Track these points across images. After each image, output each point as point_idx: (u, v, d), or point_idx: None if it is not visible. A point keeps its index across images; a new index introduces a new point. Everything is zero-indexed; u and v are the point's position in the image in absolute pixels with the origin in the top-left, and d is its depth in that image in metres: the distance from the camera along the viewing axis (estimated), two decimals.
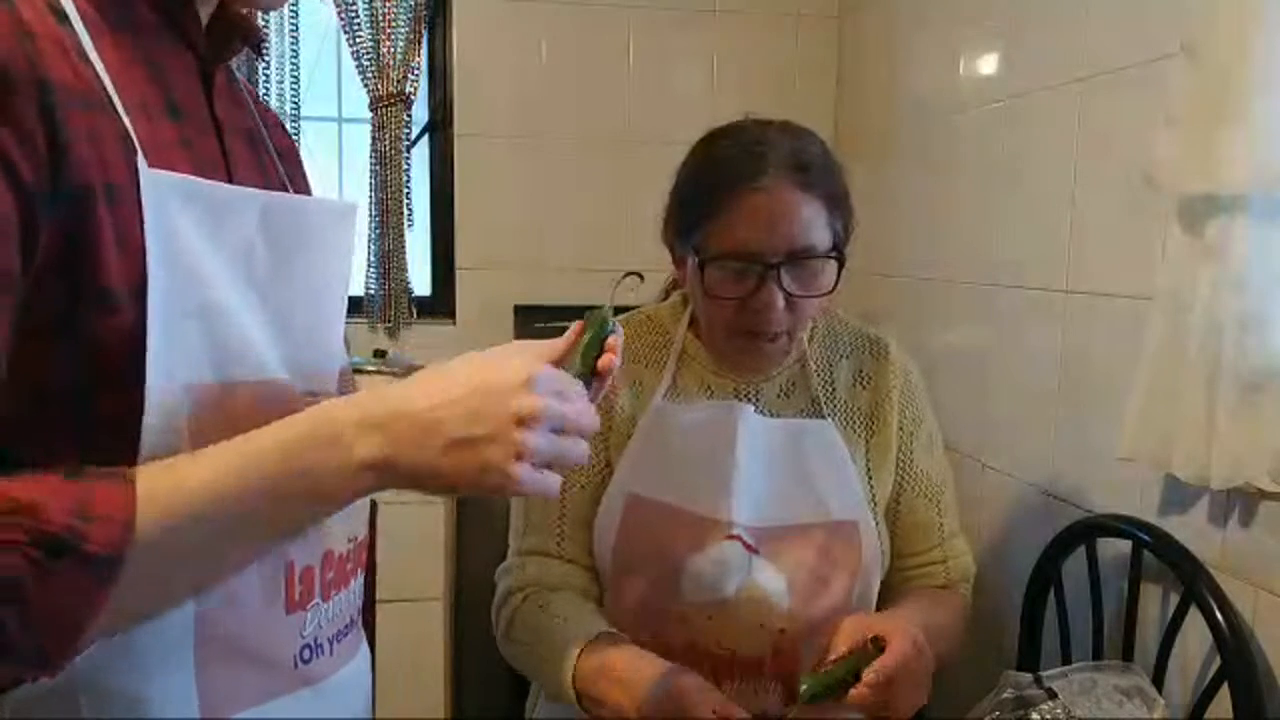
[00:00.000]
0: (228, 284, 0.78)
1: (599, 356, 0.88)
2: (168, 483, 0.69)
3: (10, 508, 0.63)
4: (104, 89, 0.73)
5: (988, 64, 2.25)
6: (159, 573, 0.69)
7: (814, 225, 1.28)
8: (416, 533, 2.51)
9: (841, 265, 1.31)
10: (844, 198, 1.33)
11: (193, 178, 0.76)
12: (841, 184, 1.33)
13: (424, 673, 2.62)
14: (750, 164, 1.27)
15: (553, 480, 0.77)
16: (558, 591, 1.36)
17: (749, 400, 1.40)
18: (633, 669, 1.20)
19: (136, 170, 0.72)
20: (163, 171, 0.73)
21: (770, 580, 1.32)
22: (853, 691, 1.15)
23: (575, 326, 0.90)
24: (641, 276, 1.05)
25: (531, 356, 0.79)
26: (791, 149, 1.29)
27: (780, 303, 1.27)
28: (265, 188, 0.88)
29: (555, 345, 0.85)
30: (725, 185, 1.28)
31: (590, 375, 0.87)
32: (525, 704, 1.51)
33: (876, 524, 1.38)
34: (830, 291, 1.30)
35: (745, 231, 1.27)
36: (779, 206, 1.26)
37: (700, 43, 2.94)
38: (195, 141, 0.82)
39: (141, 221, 0.71)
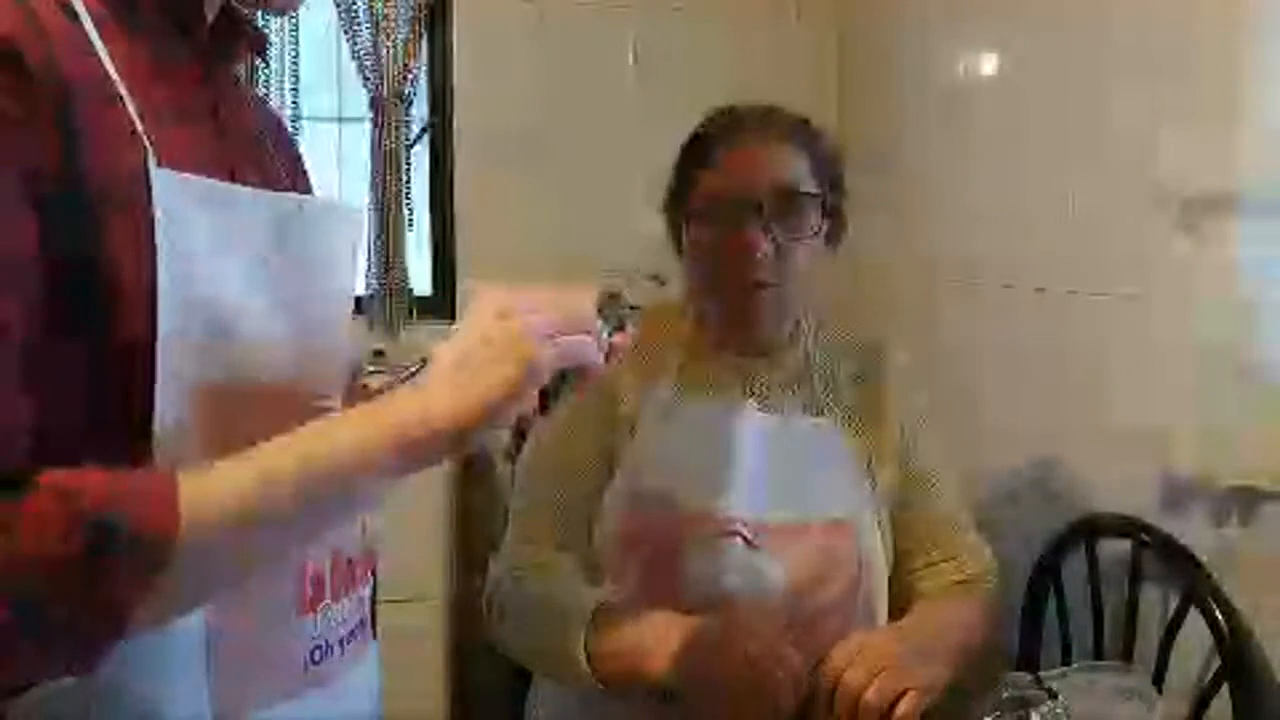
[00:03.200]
0: (238, 286, 0.78)
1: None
2: (219, 468, 0.69)
3: (54, 493, 0.63)
4: (115, 88, 0.73)
5: (989, 60, 2.25)
6: (206, 559, 0.69)
7: (793, 168, 1.34)
8: (416, 533, 2.51)
9: (838, 226, 1.37)
10: (823, 147, 1.38)
11: (205, 179, 0.76)
12: (831, 151, 1.39)
13: (424, 673, 2.62)
14: (730, 125, 1.36)
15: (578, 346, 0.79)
16: (551, 570, 1.36)
17: (751, 397, 1.40)
18: (658, 625, 1.22)
19: (148, 170, 0.72)
20: (174, 172, 0.73)
21: (771, 576, 1.32)
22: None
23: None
24: (663, 281, 1.07)
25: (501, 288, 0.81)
26: (771, 112, 1.37)
27: (765, 244, 1.30)
28: (271, 189, 0.88)
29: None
30: (706, 147, 1.35)
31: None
32: (525, 704, 1.51)
33: (879, 522, 1.38)
34: (816, 234, 1.34)
35: (725, 178, 1.33)
36: (757, 153, 1.33)
37: (701, 40, 2.94)
38: (203, 143, 0.82)
39: (151, 221, 0.71)
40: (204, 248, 0.75)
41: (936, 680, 1.23)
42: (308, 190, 1.03)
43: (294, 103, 2.88)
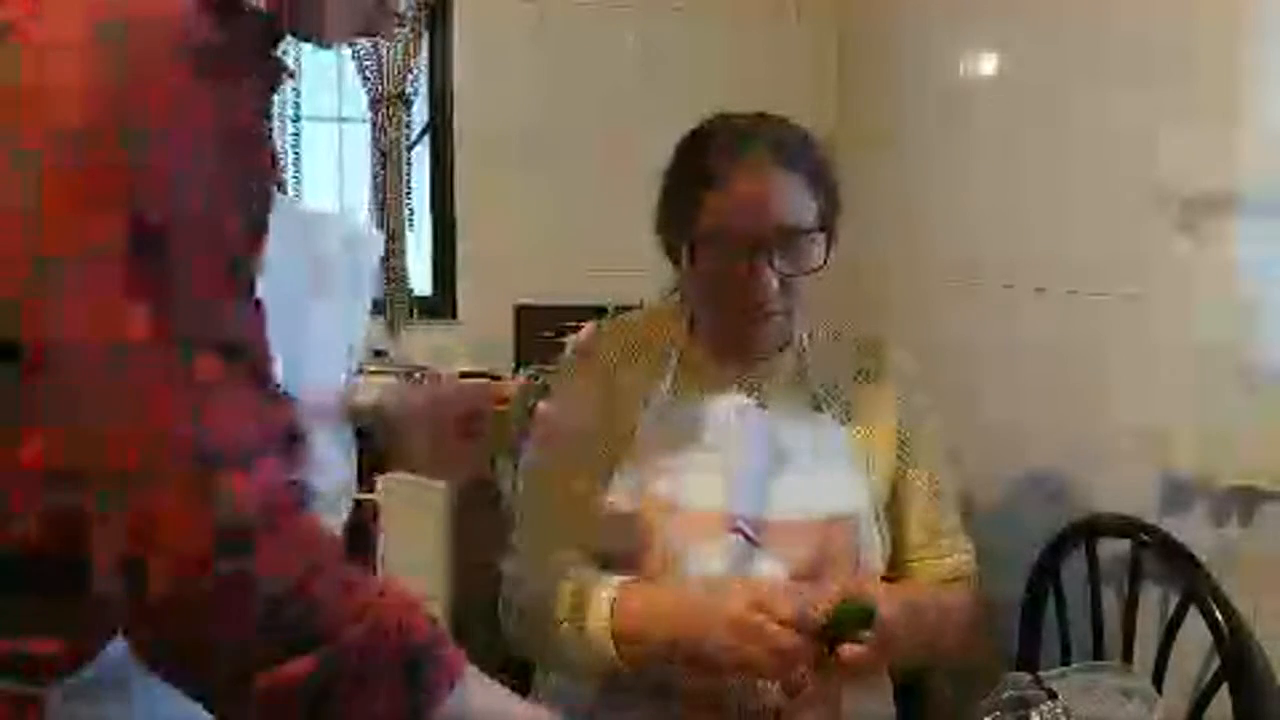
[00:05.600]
0: (289, 294, 0.80)
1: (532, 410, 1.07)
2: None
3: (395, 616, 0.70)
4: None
5: (989, 59, 2.25)
6: None
7: (799, 202, 1.33)
8: (416, 532, 2.51)
9: (830, 241, 1.35)
10: (826, 174, 1.38)
11: (286, 197, 0.79)
12: (823, 161, 1.38)
13: None
14: (731, 149, 1.33)
15: None
16: (564, 568, 1.36)
17: (749, 396, 1.41)
18: (678, 598, 1.24)
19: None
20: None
21: (771, 573, 1.32)
22: (849, 653, 1.17)
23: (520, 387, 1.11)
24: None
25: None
26: (769, 131, 1.35)
27: (773, 281, 1.30)
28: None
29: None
30: (708, 172, 1.33)
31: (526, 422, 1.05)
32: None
33: (876, 519, 1.39)
34: (820, 268, 1.34)
35: (732, 213, 1.31)
36: (763, 185, 1.31)
37: (702, 39, 2.94)
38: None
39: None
40: (274, 258, 0.78)
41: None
42: None
43: (294, 103, 2.88)
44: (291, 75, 0.95)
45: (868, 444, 1.41)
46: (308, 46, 0.83)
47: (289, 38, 0.81)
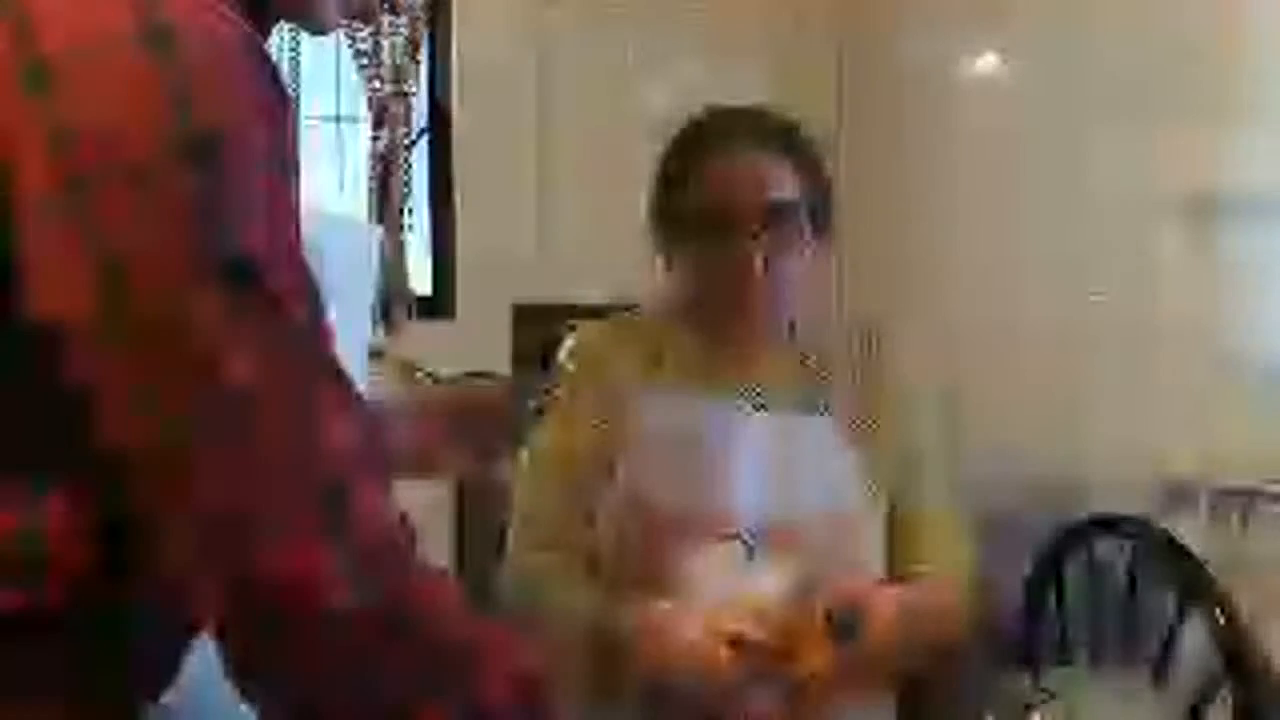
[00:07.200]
0: None
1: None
2: None
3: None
4: None
5: (989, 61, 2.25)
6: None
7: (785, 188, 1.33)
8: (416, 532, 2.51)
9: (819, 233, 1.36)
10: (817, 165, 1.38)
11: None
12: (814, 153, 1.38)
13: None
14: (718, 138, 1.34)
15: None
16: (558, 579, 1.36)
17: (747, 397, 1.40)
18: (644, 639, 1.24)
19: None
20: None
21: (770, 576, 1.32)
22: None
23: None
24: None
25: None
26: (758, 121, 1.36)
27: (760, 267, 1.30)
28: None
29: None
30: (695, 162, 1.34)
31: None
32: None
33: (875, 521, 1.38)
34: (809, 252, 1.34)
35: (718, 199, 1.31)
36: (748, 171, 1.32)
37: (702, 35, 2.94)
38: None
39: None
40: None
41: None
42: None
43: (294, 103, 2.88)
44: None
45: (866, 444, 1.41)
46: (308, 46, 0.83)
47: (278, 29, 0.80)
